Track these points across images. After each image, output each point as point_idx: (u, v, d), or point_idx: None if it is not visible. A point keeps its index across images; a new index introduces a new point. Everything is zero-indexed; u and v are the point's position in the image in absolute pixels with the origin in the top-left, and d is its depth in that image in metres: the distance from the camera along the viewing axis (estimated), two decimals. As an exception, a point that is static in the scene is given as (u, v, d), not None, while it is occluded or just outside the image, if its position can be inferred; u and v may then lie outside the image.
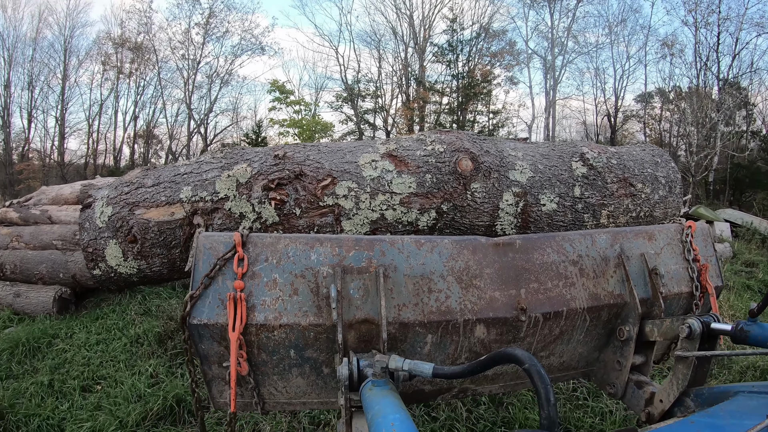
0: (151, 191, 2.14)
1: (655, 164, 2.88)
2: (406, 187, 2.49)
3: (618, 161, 2.81)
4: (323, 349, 1.62)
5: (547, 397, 0.93)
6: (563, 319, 1.75)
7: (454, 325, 1.65)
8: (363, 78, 26.97)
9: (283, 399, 1.72)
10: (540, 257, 1.81)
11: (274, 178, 2.27)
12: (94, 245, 2.05)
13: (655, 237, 1.97)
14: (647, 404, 1.78)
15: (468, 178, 2.55)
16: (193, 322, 1.50)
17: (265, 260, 1.61)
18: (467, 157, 2.56)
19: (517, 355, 1.03)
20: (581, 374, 1.98)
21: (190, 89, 24.18)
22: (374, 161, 2.52)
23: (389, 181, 2.48)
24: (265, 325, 1.53)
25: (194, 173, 2.26)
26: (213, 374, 1.64)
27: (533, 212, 2.69)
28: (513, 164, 2.69)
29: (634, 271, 1.85)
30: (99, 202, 2.09)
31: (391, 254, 1.70)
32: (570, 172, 2.75)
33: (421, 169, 2.53)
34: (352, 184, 2.42)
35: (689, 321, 1.63)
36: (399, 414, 1.20)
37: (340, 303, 1.55)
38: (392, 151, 2.59)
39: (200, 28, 24.42)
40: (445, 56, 24.62)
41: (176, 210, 2.16)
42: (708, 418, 1.55)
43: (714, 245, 2.11)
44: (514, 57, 25.17)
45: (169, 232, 2.13)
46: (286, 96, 24.54)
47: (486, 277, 1.74)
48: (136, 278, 2.18)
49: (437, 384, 1.81)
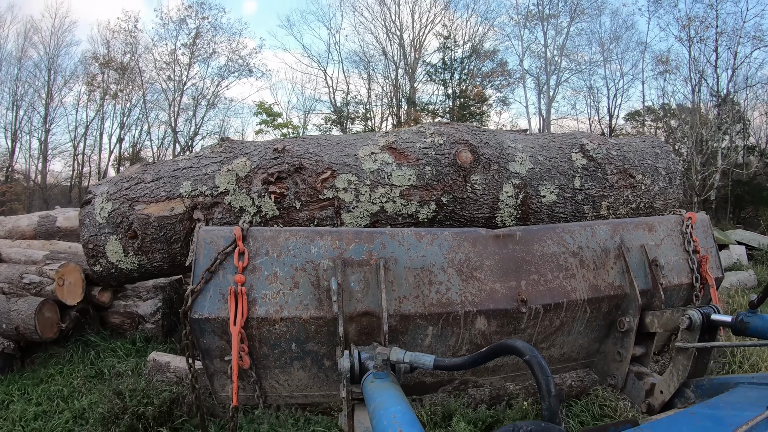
0: (150, 186, 2.14)
1: (655, 155, 2.87)
2: (405, 180, 2.48)
3: (618, 152, 2.80)
4: (324, 342, 1.62)
5: (548, 389, 0.93)
6: (564, 310, 1.76)
7: (455, 317, 1.66)
8: (352, 100, 26.83)
9: (285, 392, 1.72)
10: (540, 249, 1.81)
11: (273, 171, 2.26)
12: (95, 241, 2.05)
13: (655, 228, 1.97)
14: (647, 395, 1.79)
15: (468, 170, 2.54)
16: (194, 317, 1.51)
17: (266, 254, 1.61)
18: (467, 149, 2.55)
19: (518, 347, 1.02)
20: (582, 365, 1.99)
21: (176, 111, 23.80)
22: (374, 154, 2.51)
23: (389, 174, 2.47)
24: (266, 319, 1.54)
25: (193, 168, 2.25)
26: (215, 368, 1.65)
27: (533, 204, 2.68)
28: (513, 156, 2.68)
29: (634, 263, 1.85)
30: (99, 198, 2.08)
31: (392, 247, 1.70)
32: (570, 164, 2.74)
33: (421, 161, 2.52)
34: (351, 177, 2.42)
35: (689, 312, 1.63)
36: (400, 406, 1.21)
37: (341, 296, 1.56)
38: (391, 144, 2.58)
39: (186, 49, 24.30)
40: (439, 75, 24.43)
41: (176, 205, 2.16)
42: (708, 409, 1.55)
43: (714, 237, 2.11)
44: (506, 78, 24.72)
45: (169, 227, 2.13)
46: (273, 118, 24.15)
47: (486, 269, 1.74)
48: (137, 273, 2.18)
49: (438, 376, 1.82)
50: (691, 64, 19.75)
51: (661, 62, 21.45)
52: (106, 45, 23.43)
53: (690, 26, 19.69)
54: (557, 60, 22.76)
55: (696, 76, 19.57)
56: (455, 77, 24.77)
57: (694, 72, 19.65)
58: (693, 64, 19.62)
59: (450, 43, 24.39)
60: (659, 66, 21.46)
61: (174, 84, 24.10)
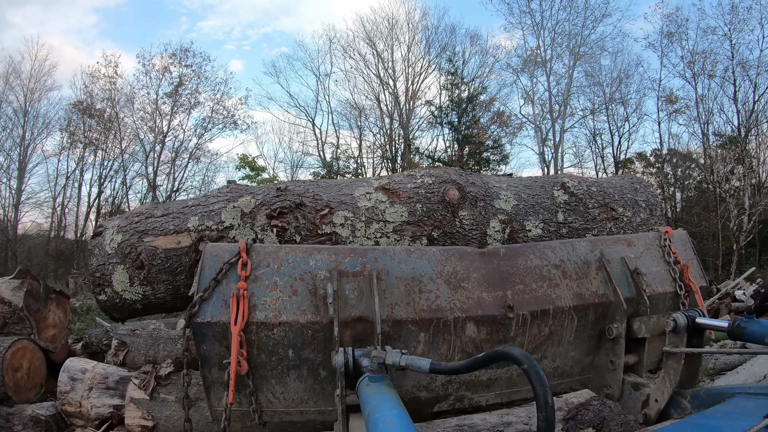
0: (160, 221, 2.31)
1: (635, 190, 3.09)
2: (398, 216, 2.67)
3: (598, 188, 3.02)
4: (320, 349, 1.67)
5: (545, 399, 0.90)
6: (551, 317, 1.82)
7: (445, 323, 1.72)
8: (342, 154, 25.41)
9: (281, 407, 1.72)
10: (524, 262, 1.93)
11: (276, 207, 2.45)
12: (102, 270, 2.17)
13: (634, 243, 2.10)
14: (644, 406, 1.78)
15: (456, 206, 2.73)
16: (197, 321, 1.58)
17: (267, 266, 1.73)
18: (454, 187, 2.78)
19: (515, 355, 1.00)
20: (578, 382, 1.98)
21: (156, 165, 22.39)
22: (368, 193, 2.73)
23: (382, 211, 2.67)
24: (266, 323, 1.61)
25: (201, 206, 2.45)
26: (212, 378, 1.67)
27: (520, 238, 2.83)
28: (498, 194, 2.90)
29: (615, 273, 1.95)
30: (109, 231, 2.25)
31: (384, 260, 1.82)
32: (552, 200, 2.94)
33: (412, 199, 2.73)
34: (348, 214, 2.60)
35: (674, 315, 1.70)
36: (396, 410, 1.20)
37: (336, 301, 1.65)
38: (385, 185, 2.81)
39: (169, 98, 22.97)
40: (445, 117, 22.64)
41: (183, 239, 2.31)
42: (705, 419, 1.56)
43: (694, 249, 2.22)
44: (502, 127, 23.68)
45: (175, 259, 2.26)
46: (257, 173, 22.42)
47: (473, 280, 1.84)
48: (140, 305, 2.26)
49: (433, 391, 1.82)
50: (697, 101, 18.80)
51: (670, 101, 20.50)
52: (85, 91, 22.00)
53: (694, 63, 18.90)
54: (559, 108, 21.69)
55: (705, 115, 18.63)
56: (463, 119, 22.97)
57: (707, 110, 18.65)
58: (699, 101, 18.71)
59: (457, 79, 22.98)
60: (668, 106, 20.50)
61: (155, 135, 22.71)
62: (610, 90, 22.08)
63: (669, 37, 20.18)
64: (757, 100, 18.05)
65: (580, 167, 24.12)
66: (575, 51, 21.57)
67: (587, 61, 21.90)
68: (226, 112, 24.40)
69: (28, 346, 2.54)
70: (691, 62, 19.44)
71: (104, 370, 2.26)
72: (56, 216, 22.44)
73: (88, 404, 2.15)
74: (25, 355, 2.49)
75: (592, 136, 23.38)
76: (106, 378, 2.20)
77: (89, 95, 22.63)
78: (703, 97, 19.24)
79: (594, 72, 22.13)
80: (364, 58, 25.28)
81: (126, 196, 23.64)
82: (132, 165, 23.68)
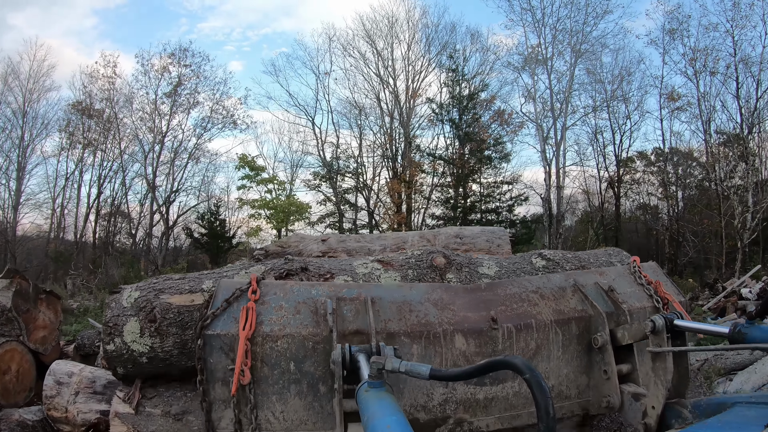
0: (177, 282, 2.56)
1: (609, 255, 3.38)
2: (392, 279, 2.92)
3: (573, 256, 3.32)
4: (320, 362, 1.77)
5: (546, 410, 0.90)
6: (534, 330, 1.95)
7: (435, 334, 1.86)
8: (342, 154, 24.19)
9: (280, 428, 1.72)
10: (504, 291, 2.15)
11: (283, 270, 2.73)
12: (115, 321, 2.33)
13: (605, 273, 2.33)
14: (644, 416, 1.78)
15: (443, 270, 3.00)
16: (207, 332, 1.74)
17: (274, 294, 1.96)
18: (440, 255, 3.09)
19: (517, 364, 0.97)
20: (578, 406, 1.96)
21: (155, 166, 21.36)
22: (365, 263, 3.04)
23: (378, 276, 2.93)
24: (270, 335, 1.76)
25: (216, 273, 2.73)
26: (215, 396, 1.72)
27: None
28: (480, 263, 3.19)
29: (591, 293, 2.12)
30: (128, 289, 2.48)
31: (377, 290, 2.06)
32: (531, 266, 3.21)
33: (404, 266, 3.02)
34: (347, 278, 2.86)
35: (653, 317, 1.83)
36: (396, 416, 1.21)
37: (335, 315, 1.83)
38: (380, 259, 3.13)
39: (168, 98, 22.20)
40: (446, 114, 21.29)
41: (197, 297, 2.52)
42: (706, 429, 1.59)
43: (665, 274, 2.43)
44: (503, 126, 22.10)
45: (187, 314, 2.43)
46: (256, 173, 21.60)
47: (458, 305, 2.04)
48: (146, 358, 2.33)
49: (432, 412, 1.83)
50: (699, 99, 17.75)
51: (672, 99, 19.48)
52: (84, 91, 21.35)
53: (696, 60, 17.84)
54: (560, 105, 20.31)
55: (707, 112, 17.52)
56: (464, 117, 21.46)
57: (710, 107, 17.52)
58: (701, 99, 17.65)
59: (458, 75, 21.84)
60: (670, 103, 19.52)
61: (154, 135, 21.66)
62: (612, 87, 21.27)
63: (671, 34, 19.64)
64: (760, 97, 17.33)
65: (581, 165, 22.52)
66: (576, 48, 20.68)
67: (588, 58, 21.04)
68: (225, 111, 23.49)
69: (17, 348, 2.43)
70: (693, 59, 18.59)
71: (92, 373, 2.17)
72: (55, 217, 21.46)
73: (74, 409, 2.02)
74: (13, 358, 2.37)
75: (594, 134, 22.21)
76: (94, 382, 2.11)
77: (88, 95, 22.04)
78: (705, 94, 18.42)
79: (595, 69, 21.32)
80: (363, 57, 24.70)
81: (125, 196, 22.61)
82: (131, 165, 22.70)
